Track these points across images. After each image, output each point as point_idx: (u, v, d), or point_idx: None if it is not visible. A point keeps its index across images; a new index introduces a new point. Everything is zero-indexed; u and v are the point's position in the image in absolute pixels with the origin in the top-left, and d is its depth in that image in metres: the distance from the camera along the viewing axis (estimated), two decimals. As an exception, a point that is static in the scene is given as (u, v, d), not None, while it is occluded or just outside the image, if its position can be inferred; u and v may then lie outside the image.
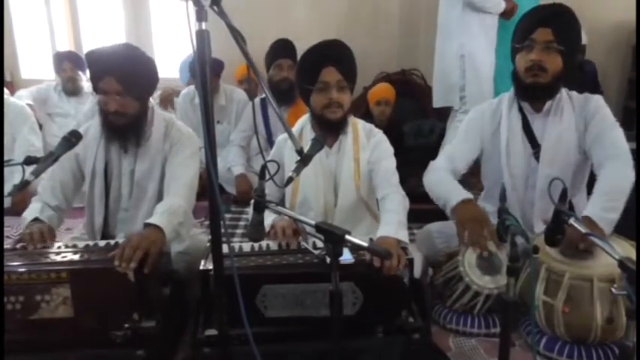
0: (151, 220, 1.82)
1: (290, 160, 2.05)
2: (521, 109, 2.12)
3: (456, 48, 3.31)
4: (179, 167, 2.04)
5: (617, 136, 1.97)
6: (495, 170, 2.16)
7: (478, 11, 3.22)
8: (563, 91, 2.08)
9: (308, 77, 2.00)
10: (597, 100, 2.05)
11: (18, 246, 1.83)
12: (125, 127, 1.98)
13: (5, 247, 1.86)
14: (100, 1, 4.83)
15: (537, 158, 2.08)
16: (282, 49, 3.40)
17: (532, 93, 2.05)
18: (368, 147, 2.10)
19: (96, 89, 1.96)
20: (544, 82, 2.00)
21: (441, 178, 2.14)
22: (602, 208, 1.80)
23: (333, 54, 2.01)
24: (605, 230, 1.76)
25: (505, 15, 3.33)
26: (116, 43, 1.97)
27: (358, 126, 2.14)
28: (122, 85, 1.90)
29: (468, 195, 2.03)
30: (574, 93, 2.09)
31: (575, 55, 2.11)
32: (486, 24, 3.28)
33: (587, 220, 1.76)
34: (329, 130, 2.05)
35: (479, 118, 2.21)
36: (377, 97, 3.60)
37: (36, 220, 1.95)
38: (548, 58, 1.97)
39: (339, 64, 1.99)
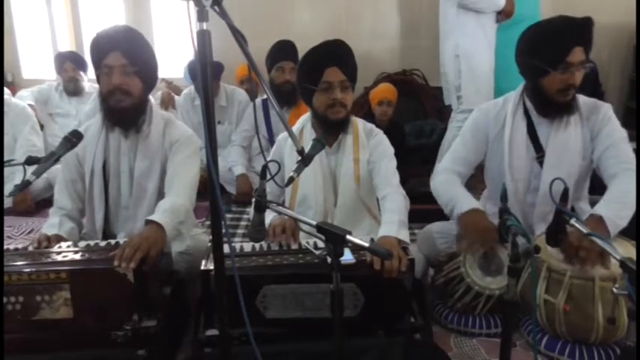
0: (153, 218, 1.83)
1: (290, 158, 2.05)
2: (526, 112, 2.08)
3: (452, 48, 3.30)
4: (180, 166, 2.04)
5: (627, 149, 1.96)
6: (498, 171, 2.14)
7: (473, 11, 3.21)
8: None
9: (310, 77, 2.00)
10: (607, 110, 2.02)
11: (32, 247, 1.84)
12: (127, 111, 1.97)
13: (5, 247, 1.86)
14: (101, 1, 4.84)
15: (541, 163, 2.05)
16: (284, 51, 3.36)
17: (558, 110, 2.01)
18: (368, 147, 2.09)
19: (99, 69, 1.94)
20: (571, 98, 1.98)
21: (448, 183, 2.13)
22: (615, 214, 1.78)
23: (336, 54, 2.00)
24: (611, 232, 1.76)
25: (502, 15, 3.31)
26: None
27: (358, 126, 2.13)
28: (127, 59, 1.90)
29: (477, 204, 2.03)
30: (581, 97, 2.06)
31: None
32: (483, 24, 3.26)
33: (597, 219, 1.75)
34: (332, 129, 2.04)
35: (483, 119, 2.17)
36: (379, 98, 3.58)
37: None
38: (579, 76, 1.95)
39: (342, 63, 1.99)
